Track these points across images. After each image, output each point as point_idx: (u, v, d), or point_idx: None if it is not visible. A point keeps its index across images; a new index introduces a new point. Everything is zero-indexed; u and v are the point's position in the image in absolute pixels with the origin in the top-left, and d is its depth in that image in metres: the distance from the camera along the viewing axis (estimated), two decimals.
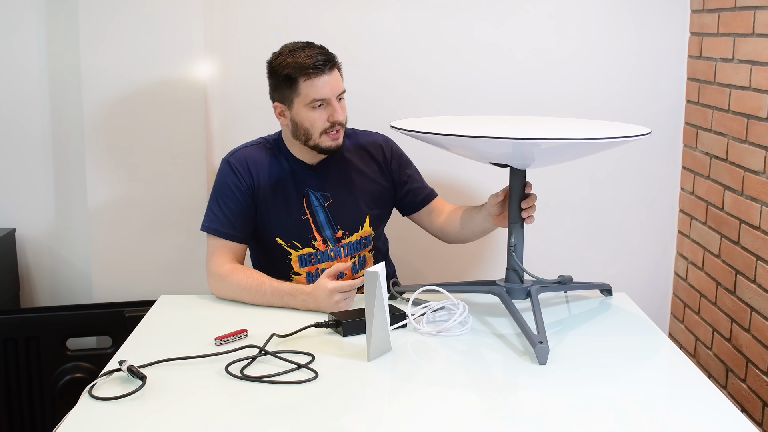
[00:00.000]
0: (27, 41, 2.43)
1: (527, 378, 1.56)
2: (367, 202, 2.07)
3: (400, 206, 2.17)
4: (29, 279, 2.56)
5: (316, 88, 1.90)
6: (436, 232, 2.16)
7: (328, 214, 2.02)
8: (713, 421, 1.39)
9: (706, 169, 2.47)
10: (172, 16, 2.32)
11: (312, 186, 2.02)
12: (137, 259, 2.42)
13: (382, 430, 1.37)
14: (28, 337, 2.26)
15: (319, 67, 1.89)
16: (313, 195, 2.01)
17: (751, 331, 2.19)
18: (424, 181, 2.17)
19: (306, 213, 2.00)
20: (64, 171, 2.50)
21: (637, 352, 1.70)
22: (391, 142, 2.15)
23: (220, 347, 1.66)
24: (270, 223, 2.00)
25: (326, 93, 1.91)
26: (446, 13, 2.52)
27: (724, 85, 2.34)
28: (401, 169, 2.13)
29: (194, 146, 2.39)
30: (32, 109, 2.47)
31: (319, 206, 2.01)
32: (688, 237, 2.61)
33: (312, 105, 1.92)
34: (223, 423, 1.36)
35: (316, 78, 1.90)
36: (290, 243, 2.01)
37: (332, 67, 1.92)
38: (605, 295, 2.05)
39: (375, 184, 2.09)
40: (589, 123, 2.07)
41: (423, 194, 2.15)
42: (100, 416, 1.37)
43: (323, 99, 1.91)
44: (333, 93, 1.92)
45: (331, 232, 2.02)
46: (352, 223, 2.05)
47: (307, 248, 2.02)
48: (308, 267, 2.03)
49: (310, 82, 1.90)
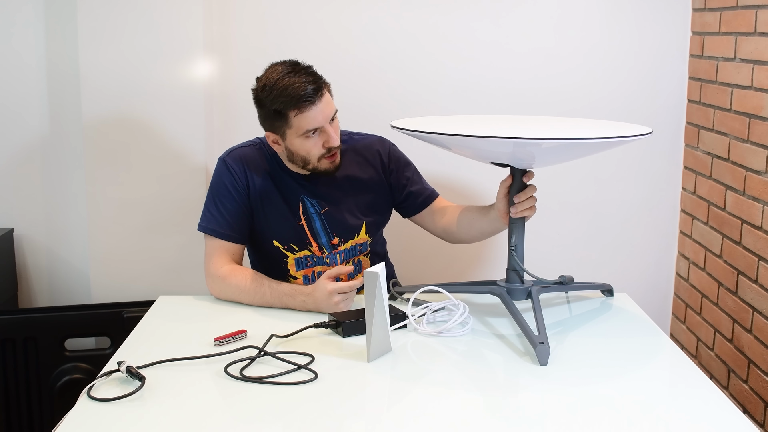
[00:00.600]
0: (25, 40, 2.43)
1: (528, 379, 1.56)
2: (363, 210, 2.05)
3: (401, 209, 2.15)
4: (27, 279, 2.56)
5: (308, 120, 1.85)
6: (439, 233, 2.15)
7: (324, 222, 2.01)
8: (715, 422, 1.39)
9: (708, 169, 2.47)
10: (171, 15, 2.32)
11: (307, 193, 2.00)
12: (136, 259, 2.42)
13: (382, 431, 1.37)
14: (26, 338, 2.26)
15: (309, 99, 1.83)
16: (308, 202, 2.00)
17: (752, 331, 2.19)
18: (423, 182, 2.15)
19: (301, 219, 1.99)
20: (63, 170, 2.50)
21: (638, 352, 1.70)
22: (388, 144, 2.12)
23: (219, 348, 1.66)
24: (267, 227, 2.00)
25: (319, 122, 1.86)
26: (446, 12, 2.52)
27: (726, 85, 2.34)
28: (399, 173, 2.10)
29: (193, 146, 2.39)
30: (30, 108, 2.47)
31: (315, 213, 2.00)
32: (690, 237, 2.61)
33: (306, 135, 1.87)
34: (222, 424, 1.36)
35: (308, 110, 1.84)
36: (287, 246, 2.00)
37: (322, 94, 1.85)
38: (606, 295, 2.05)
39: (371, 191, 2.07)
40: (590, 122, 2.07)
41: (423, 196, 2.12)
42: (98, 417, 1.37)
43: (317, 128, 1.88)
44: (326, 120, 1.87)
45: (327, 239, 2.01)
46: (348, 231, 2.03)
47: (304, 251, 2.01)
48: (305, 270, 2.03)
49: (301, 116, 1.84)
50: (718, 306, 2.40)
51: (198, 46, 2.35)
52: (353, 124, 2.16)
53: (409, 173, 2.12)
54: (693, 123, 2.58)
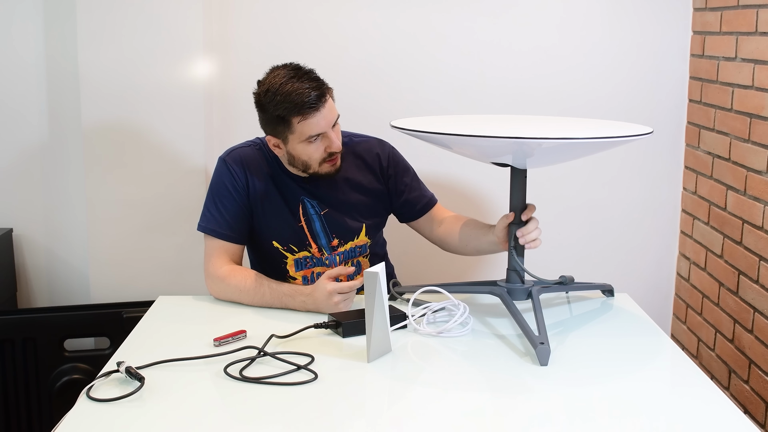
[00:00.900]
0: (24, 39, 2.43)
1: (528, 379, 1.55)
2: (363, 212, 2.05)
3: (397, 215, 2.14)
4: (26, 279, 2.56)
5: (311, 126, 1.84)
6: (435, 241, 2.13)
7: (324, 223, 2.00)
8: (716, 422, 1.39)
9: (709, 169, 2.47)
10: (170, 15, 2.32)
11: (307, 195, 2.00)
12: (135, 259, 2.42)
13: (382, 431, 1.37)
14: (25, 338, 2.26)
15: (312, 105, 1.82)
16: (309, 203, 2.00)
17: (754, 331, 2.19)
18: (422, 188, 2.13)
19: (301, 220, 1.99)
20: (62, 170, 2.50)
21: (639, 353, 1.70)
22: (388, 148, 2.11)
23: (219, 348, 1.66)
24: (266, 227, 2.00)
25: (322, 128, 1.86)
26: (446, 12, 2.52)
27: (727, 84, 2.34)
28: (398, 178, 2.09)
29: (193, 146, 2.39)
30: (30, 108, 2.47)
31: (315, 214, 2.00)
32: (691, 237, 2.61)
33: (308, 141, 1.87)
34: (221, 424, 1.36)
35: (311, 117, 1.83)
36: (287, 247, 2.00)
37: (325, 100, 1.84)
38: (607, 295, 2.05)
39: (370, 194, 2.06)
40: (590, 122, 2.07)
41: (421, 203, 2.10)
42: (97, 418, 1.37)
43: (319, 134, 1.87)
44: (328, 125, 1.87)
45: (326, 241, 2.01)
46: (348, 233, 2.03)
47: (303, 252, 2.01)
48: (304, 271, 2.02)
49: (305, 122, 1.83)
50: (719, 306, 2.40)
51: (197, 46, 2.35)
52: (352, 124, 2.16)
53: (407, 179, 2.10)
54: (694, 123, 2.58)
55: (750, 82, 2.20)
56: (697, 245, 2.56)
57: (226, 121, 2.51)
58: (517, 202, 1.87)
